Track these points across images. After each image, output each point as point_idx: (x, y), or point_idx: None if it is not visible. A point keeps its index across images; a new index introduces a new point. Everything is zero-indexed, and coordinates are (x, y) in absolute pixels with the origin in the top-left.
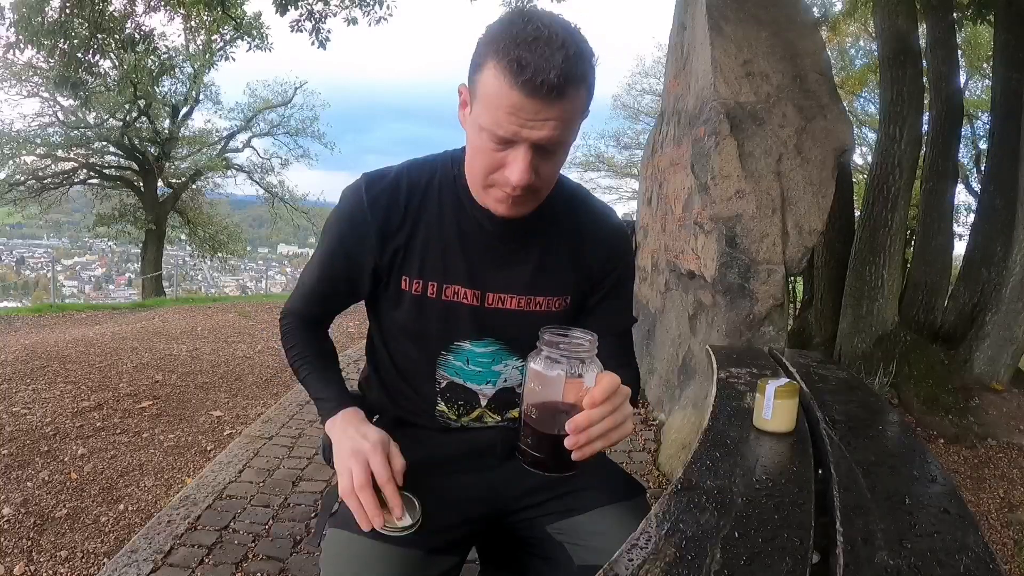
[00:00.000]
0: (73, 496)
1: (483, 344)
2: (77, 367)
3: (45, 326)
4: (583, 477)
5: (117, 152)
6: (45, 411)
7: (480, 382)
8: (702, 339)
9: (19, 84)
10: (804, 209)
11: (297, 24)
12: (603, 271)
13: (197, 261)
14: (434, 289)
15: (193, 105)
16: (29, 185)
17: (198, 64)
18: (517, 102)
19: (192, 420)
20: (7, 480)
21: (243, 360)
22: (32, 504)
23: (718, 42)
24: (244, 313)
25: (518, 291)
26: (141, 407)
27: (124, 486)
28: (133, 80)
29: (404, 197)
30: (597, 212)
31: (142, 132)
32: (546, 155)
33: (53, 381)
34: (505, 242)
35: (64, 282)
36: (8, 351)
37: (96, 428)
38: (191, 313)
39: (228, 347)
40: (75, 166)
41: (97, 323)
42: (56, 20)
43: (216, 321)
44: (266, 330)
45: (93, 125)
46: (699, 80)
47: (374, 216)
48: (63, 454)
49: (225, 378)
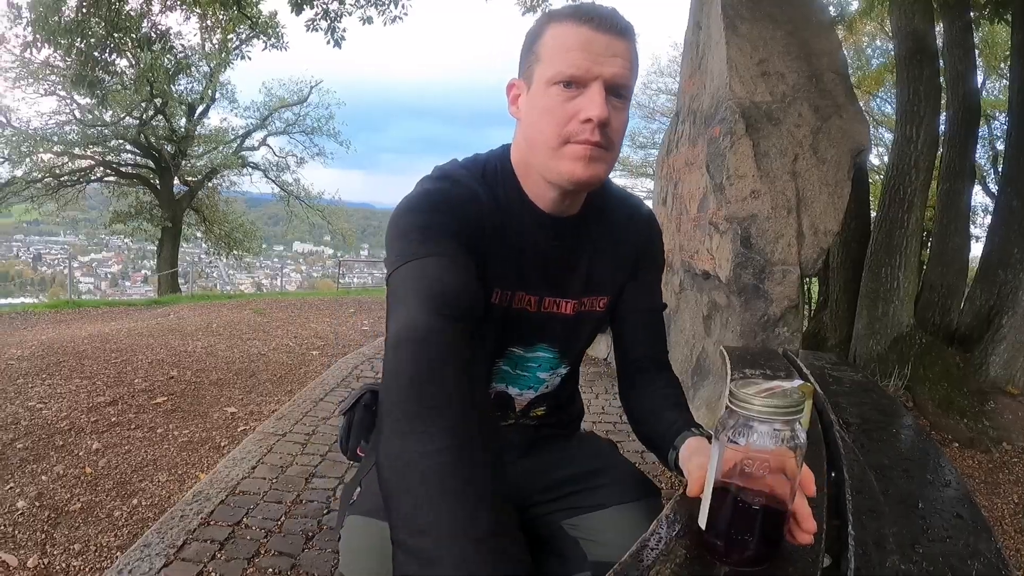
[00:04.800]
0: (87, 490)
1: (533, 350)
2: (92, 363)
3: (61, 322)
4: (600, 475)
5: (134, 150)
6: (60, 406)
7: (522, 388)
8: (716, 340)
9: (36, 83)
10: (820, 210)
11: (312, 23)
12: (640, 262)
13: (213, 258)
14: (502, 296)
15: (209, 104)
16: (46, 182)
17: (214, 63)
18: (588, 36)
19: (206, 416)
20: (22, 474)
21: (258, 357)
22: (46, 498)
23: (734, 41)
24: (259, 311)
25: (572, 294)
26: (156, 403)
27: (138, 481)
28: (149, 79)
29: (487, 196)
30: (629, 204)
31: (158, 130)
32: (616, 102)
33: (69, 376)
34: (560, 243)
35: (80, 278)
36: (25, 346)
37: (111, 423)
38: (206, 310)
39: (243, 344)
40: (92, 164)
41: (113, 319)
42: (73, 19)
43: (231, 318)
44: (280, 327)
45: (110, 123)
46: (714, 79)
47: (479, 205)
48: (78, 448)
49: (240, 375)
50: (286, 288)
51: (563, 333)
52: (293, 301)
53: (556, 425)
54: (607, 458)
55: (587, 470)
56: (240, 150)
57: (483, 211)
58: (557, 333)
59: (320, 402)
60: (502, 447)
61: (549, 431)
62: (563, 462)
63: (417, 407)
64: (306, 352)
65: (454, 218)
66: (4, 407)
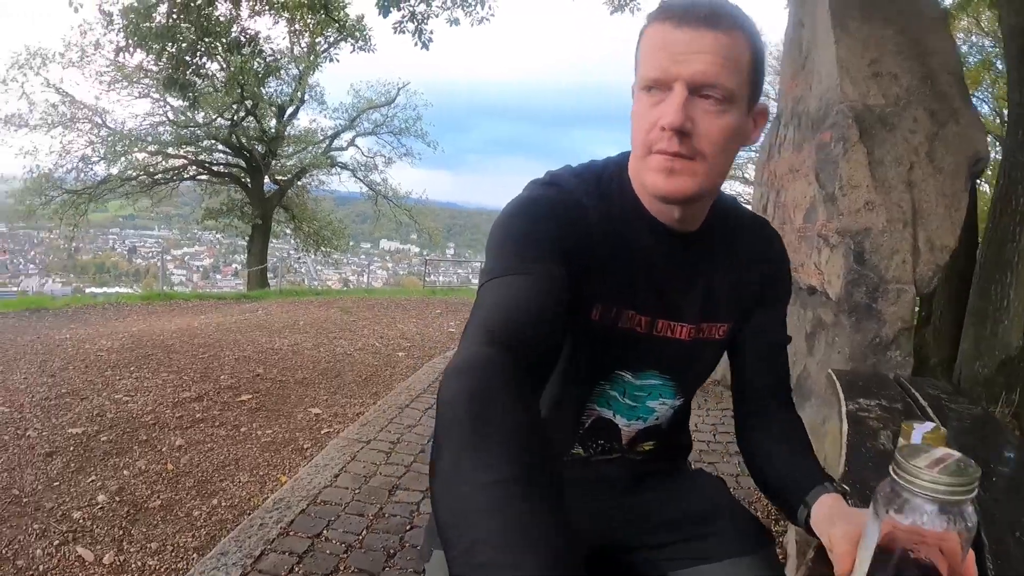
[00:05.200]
0: (168, 487)
1: (644, 377)
2: (180, 357)
3: (152, 314)
4: (710, 521)
5: (225, 150)
6: (146, 400)
7: (630, 418)
8: (820, 360)
9: (130, 86)
10: (936, 223)
11: (400, 25)
12: (763, 289)
13: (301, 255)
14: (611, 314)
15: (299, 105)
16: (140, 180)
17: (303, 66)
18: (667, 33)
19: (290, 416)
20: (104, 467)
21: (343, 357)
22: (127, 493)
23: (843, 40)
24: (346, 309)
25: (688, 318)
26: (240, 400)
27: (219, 480)
28: (240, 81)
29: (599, 205)
30: (756, 223)
31: (249, 131)
32: (705, 104)
33: (156, 370)
34: (677, 260)
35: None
36: (115, 337)
37: (195, 419)
38: (293, 307)
39: (329, 343)
40: (185, 163)
41: (202, 312)
42: (163, 25)
43: (317, 316)
44: (367, 327)
45: (202, 124)
46: (822, 81)
47: (586, 214)
48: (161, 444)
49: (325, 375)
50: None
51: (677, 360)
52: (380, 300)
53: (663, 459)
54: (717, 499)
55: (696, 513)
56: (329, 150)
57: (590, 221)
58: (670, 360)
59: (405, 408)
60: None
61: (655, 466)
62: (670, 503)
63: (472, 437)
64: (392, 353)
65: (553, 227)
66: (91, 398)
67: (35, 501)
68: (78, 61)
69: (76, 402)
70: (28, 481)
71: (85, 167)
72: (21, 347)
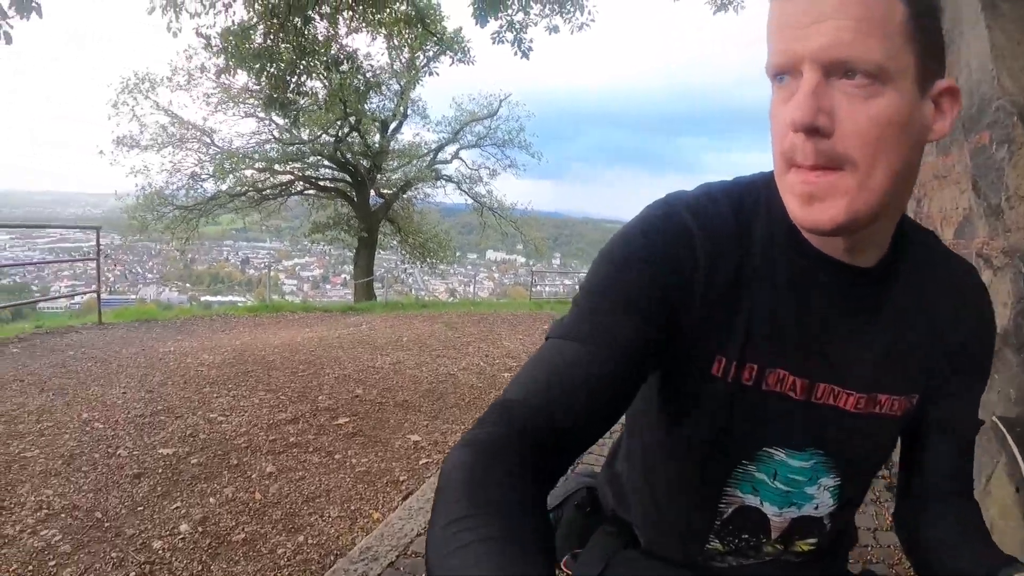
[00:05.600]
0: (254, 519)
1: (802, 456)
2: (280, 375)
3: (259, 326)
4: None
5: (331, 165)
6: (241, 420)
7: (782, 505)
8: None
9: (236, 106)
10: None
11: (498, 35)
12: (962, 357)
13: (408, 265)
14: (753, 374)
15: (401, 120)
16: (249, 196)
17: (404, 81)
18: (784, 9)
19: (388, 444)
20: (191, 493)
21: (446, 378)
22: (211, 523)
23: (996, 24)
24: (450, 324)
25: (858, 384)
26: (337, 424)
27: (307, 514)
28: (341, 98)
29: (733, 233)
30: (958, 268)
31: (354, 147)
32: (847, 86)
33: (254, 388)
34: (844, 305)
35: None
36: (218, 352)
37: (288, 444)
38: (398, 321)
39: (432, 361)
40: (292, 178)
41: (307, 325)
42: (262, 46)
43: (421, 331)
44: (472, 344)
45: (307, 141)
46: (973, 73)
47: (703, 248)
48: (251, 470)
49: (426, 397)
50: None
51: (842, 437)
52: (485, 315)
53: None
54: None
55: None
56: (433, 164)
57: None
58: (833, 435)
59: None
60: None
61: (817, 570)
62: None
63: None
64: (497, 374)
65: (647, 268)
66: (186, 417)
67: (117, 526)
68: (185, 84)
69: (170, 420)
70: (112, 504)
71: (195, 184)
72: (125, 359)
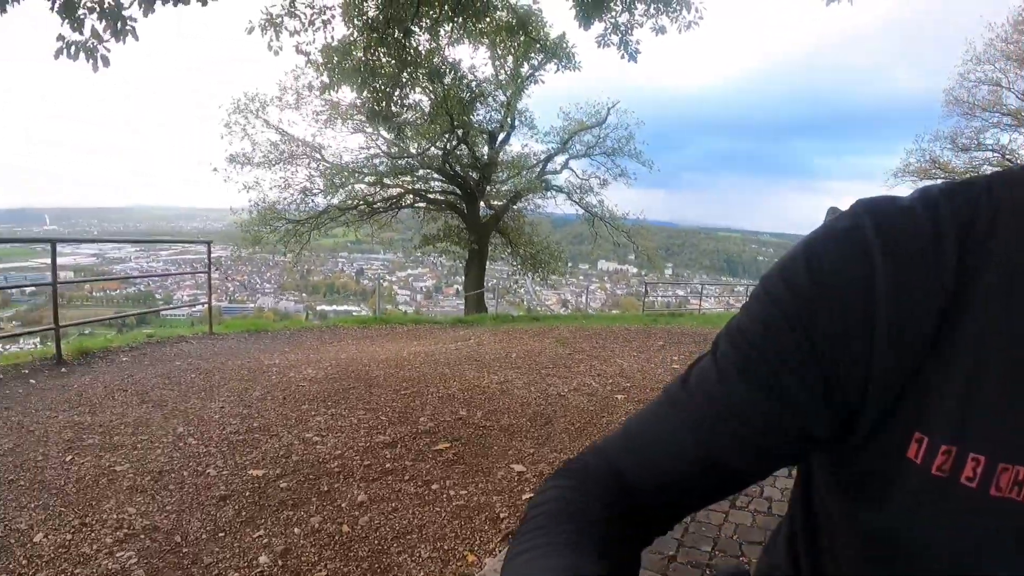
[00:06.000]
0: (338, 554)
1: None
2: (382, 392)
3: (366, 338)
4: None
5: (440, 178)
6: (336, 442)
7: None
8: None
9: (344, 122)
10: None
11: (603, 39)
12: None
13: (519, 277)
14: (977, 469)
15: (509, 131)
16: (360, 209)
17: (510, 91)
18: None
19: (489, 473)
20: (275, 520)
21: (555, 399)
22: (292, 556)
23: None
24: (562, 340)
25: None
26: (437, 449)
27: (396, 552)
28: (447, 110)
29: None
30: None
31: (462, 159)
32: None
33: (354, 406)
34: None
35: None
36: (321, 366)
37: (384, 470)
38: (507, 336)
39: (541, 380)
40: (402, 192)
41: (416, 338)
42: (362, 60)
43: (531, 347)
44: (583, 362)
45: (416, 154)
46: None
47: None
48: (341, 498)
49: (534, 421)
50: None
51: None
52: (597, 329)
53: None
54: None
55: None
56: (543, 174)
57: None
58: None
59: None
60: None
61: None
62: None
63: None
64: (610, 396)
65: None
66: (281, 436)
67: (194, 552)
68: (294, 103)
69: (265, 439)
70: (194, 528)
71: (306, 199)
72: (228, 372)
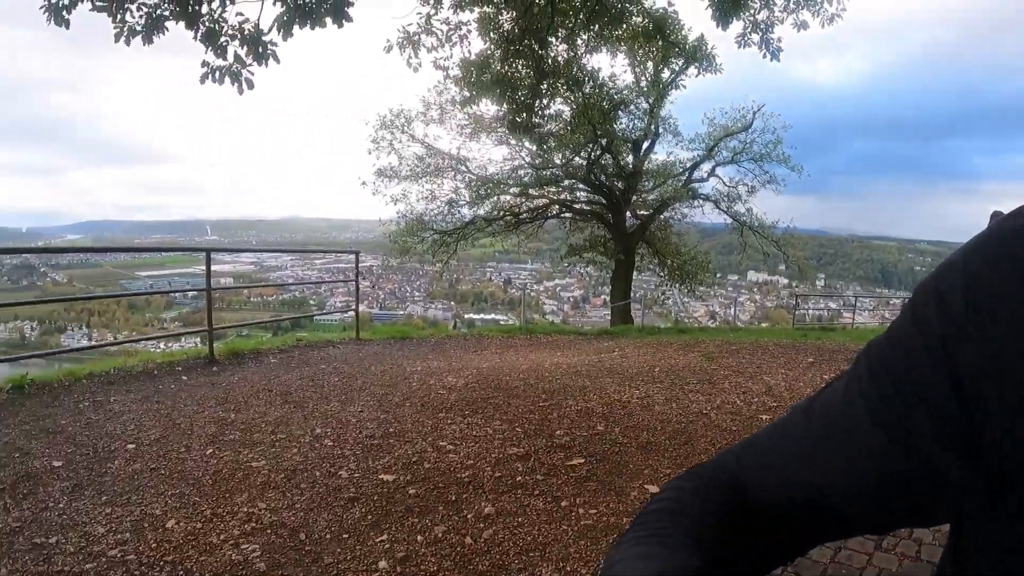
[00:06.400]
0: (457, 566)
1: None
2: (520, 403)
3: (510, 348)
4: None
5: (586, 188)
6: (469, 451)
7: None
8: None
9: (487, 134)
10: None
11: (743, 38)
12: None
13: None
14: None
15: (653, 139)
16: (507, 220)
17: (652, 98)
18: None
19: (622, 493)
20: (400, 527)
21: (697, 417)
22: (411, 564)
23: None
24: (708, 355)
25: None
26: (571, 464)
27: (517, 569)
28: (588, 119)
29: None
30: None
31: (607, 168)
32: None
33: (491, 416)
34: None
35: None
36: (462, 374)
37: (514, 483)
38: (651, 349)
39: (684, 396)
40: (547, 202)
41: (559, 349)
42: (500, 73)
43: (676, 362)
44: (728, 378)
45: (560, 165)
46: None
47: None
48: (468, 509)
49: (673, 439)
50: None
51: None
52: (745, 344)
53: None
54: None
55: None
56: (689, 183)
57: None
58: None
59: None
60: None
61: None
62: None
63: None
64: (754, 416)
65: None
66: (415, 442)
67: (316, 552)
68: (438, 118)
69: (399, 445)
70: (319, 527)
71: (452, 210)
72: (370, 377)
